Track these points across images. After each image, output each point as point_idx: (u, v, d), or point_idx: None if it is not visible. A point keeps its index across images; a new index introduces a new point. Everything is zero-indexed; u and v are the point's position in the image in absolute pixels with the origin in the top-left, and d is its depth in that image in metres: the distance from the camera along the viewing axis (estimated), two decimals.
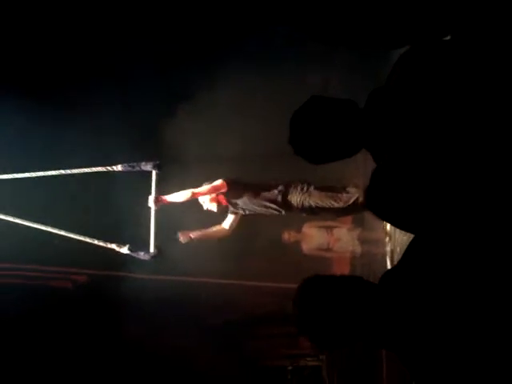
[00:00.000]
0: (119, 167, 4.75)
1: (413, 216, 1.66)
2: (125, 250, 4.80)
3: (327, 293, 1.74)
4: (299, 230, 6.91)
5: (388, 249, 5.38)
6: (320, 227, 6.78)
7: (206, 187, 4.98)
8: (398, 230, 4.95)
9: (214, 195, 5.08)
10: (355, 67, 5.64)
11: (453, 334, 1.59)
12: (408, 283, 1.70)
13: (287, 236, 6.99)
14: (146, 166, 4.74)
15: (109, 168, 4.78)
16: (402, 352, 1.70)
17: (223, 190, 5.02)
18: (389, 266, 4.77)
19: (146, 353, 6.98)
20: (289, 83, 5.92)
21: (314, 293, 1.76)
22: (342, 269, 6.86)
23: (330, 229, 6.70)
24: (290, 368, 7.35)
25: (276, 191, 5.14)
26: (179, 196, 4.93)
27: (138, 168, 4.76)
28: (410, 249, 1.79)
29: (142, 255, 4.80)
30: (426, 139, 1.78)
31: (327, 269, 6.88)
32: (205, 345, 7.16)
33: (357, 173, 5.88)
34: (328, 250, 6.78)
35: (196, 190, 4.96)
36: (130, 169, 4.77)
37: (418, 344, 1.64)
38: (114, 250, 4.84)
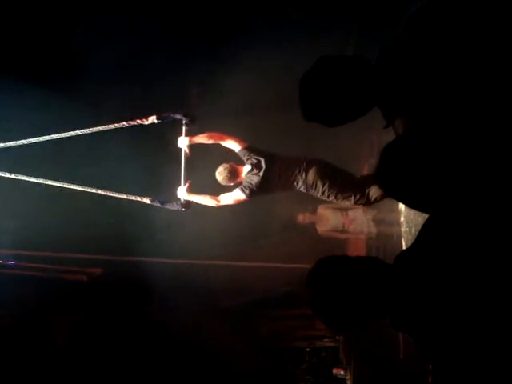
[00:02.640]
0: (151, 119, 4.77)
1: (424, 194, 1.60)
2: (156, 203, 4.90)
3: (341, 273, 1.70)
4: (314, 212, 6.89)
5: (403, 230, 5.32)
6: (335, 208, 6.75)
7: (229, 200, 4.99)
8: (413, 211, 4.91)
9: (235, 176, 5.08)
10: (367, 42, 5.57)
11: (467, 315, 1.56)
12: (423, 264, 1.67)
13: (302, 218, 6.98)
14: (177, 115, 4.86)
15: (140, 121, 4.80)
16: (416, 334, 1.68)
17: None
18: (404, 247, 4.74)
19: (162, 336, 7.04)
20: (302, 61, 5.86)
21: (327, 273, 1.72)
22: (358, 250, 6.83)
23: (345, 210, 6.67)
24: (307, 349, 7.38)
25: (297, 186, 5.06)
26: (202, 200, 4.98)
27: (170, 117, 4.84)
28: (425, 229, 1.75)
29: (174, 205, 4.88)
30: (438, 101, 1.73)
31: (343, 250, 6.86)
32: (222, 327, 7.21)
33: (372, 153, 5.83)
34: (343, 231, 6.75)
35: (220, 203, 4.98)
36: (162, 119, 4.82)
37: (432, 326, 1.61)
38: (145, 203, 4.89)
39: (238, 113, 6.32)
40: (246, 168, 5.02)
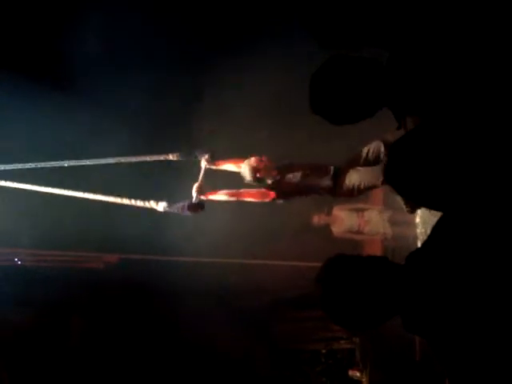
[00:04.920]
0: (175, 156, 4.79)
1: (432, 191, 1.57)
2: (162, 206, 4.72)
3: (351, 272, 1.71)
4: (329, 213, 6.86)
5: (419, 231, 5.30)
6: (350, 209, 6.71)
7: (252, 192, 4.85)
8: (428, 212, 4.87)
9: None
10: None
11: (479, 316, 1.54)
12: (434, 264, 1.65)
13: (318, 219, 6.95)
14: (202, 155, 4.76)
15: (166, 157, 4.82)
16: (428, 336, 1.66)
17: (269, 198, 4.92)
18: None
19: (174, 335, 7.05)
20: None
21: (337, 271, 1.73)
22: (373, 251, 6.79)
23: (360, 211, 6.63)
24: (323, 351, 7.35)
25: (326, 184, 4.97)
26: (225, 196, 4.83)
27: (193, 156, 4.80)
28: (437, 229, 1.73)
29: (180, 208, 4.75)
30: (447, 100, 1.71)
31: (358, 251, 6.83)
32: (236, 328, 7.20)
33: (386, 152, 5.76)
34: (358, 232, 6.71)
35: (242, 194, 4.84)
36: (185, 158, 4.82)
37: (443, 327, 1.59)
38: (152, 208, 4.76)
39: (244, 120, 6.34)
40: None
